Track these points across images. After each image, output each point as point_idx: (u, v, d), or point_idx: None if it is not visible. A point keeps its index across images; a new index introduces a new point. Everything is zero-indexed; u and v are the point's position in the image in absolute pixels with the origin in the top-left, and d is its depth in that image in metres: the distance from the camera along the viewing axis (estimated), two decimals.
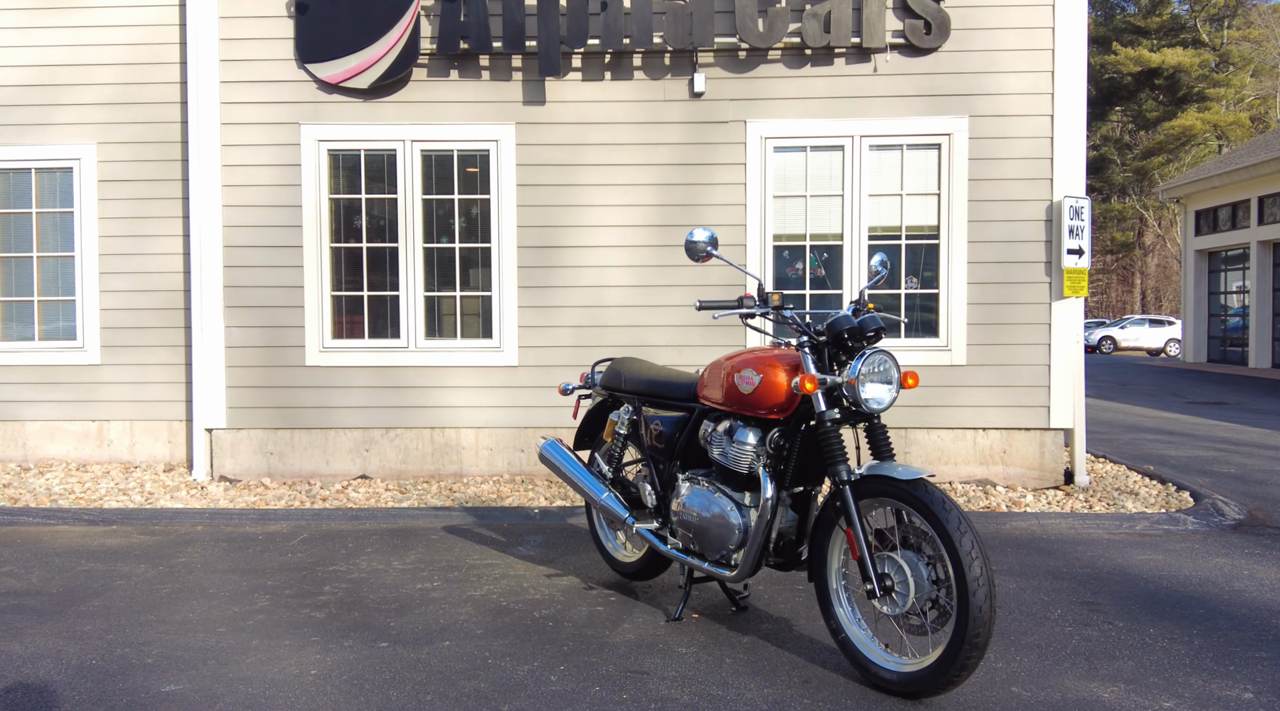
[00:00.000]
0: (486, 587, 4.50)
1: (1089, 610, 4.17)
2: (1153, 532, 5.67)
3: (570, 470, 4.42)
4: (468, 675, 3.41)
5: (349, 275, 7.24)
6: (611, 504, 4.22)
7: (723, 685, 3.31)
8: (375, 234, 7.21)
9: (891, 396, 3.37)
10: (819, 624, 3.92)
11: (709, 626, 3.93)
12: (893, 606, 3.20)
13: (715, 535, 3.69)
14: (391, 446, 7.19)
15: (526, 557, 5.05)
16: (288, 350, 7.20)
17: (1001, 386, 6.94)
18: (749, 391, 3.58)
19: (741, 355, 3.71)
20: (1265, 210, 21.95)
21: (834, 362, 3.46)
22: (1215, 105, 44.90)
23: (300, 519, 6.01)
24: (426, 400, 7.15)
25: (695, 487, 3.85)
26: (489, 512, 6.09)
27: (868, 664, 3.29)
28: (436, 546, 5.30)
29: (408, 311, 7.14)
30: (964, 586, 2.98)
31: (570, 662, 3.52)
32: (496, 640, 3.77)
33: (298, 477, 7.23)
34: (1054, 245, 6.89)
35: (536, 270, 7.10)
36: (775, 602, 4.25)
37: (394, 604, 4.26)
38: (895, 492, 3.19)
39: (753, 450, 3.61)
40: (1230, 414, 11.91)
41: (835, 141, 6.96)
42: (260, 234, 7.20)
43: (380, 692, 3.26)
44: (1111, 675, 3.41)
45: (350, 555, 5.14)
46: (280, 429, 7.25)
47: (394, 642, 3.75)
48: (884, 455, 3.40)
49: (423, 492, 6.72)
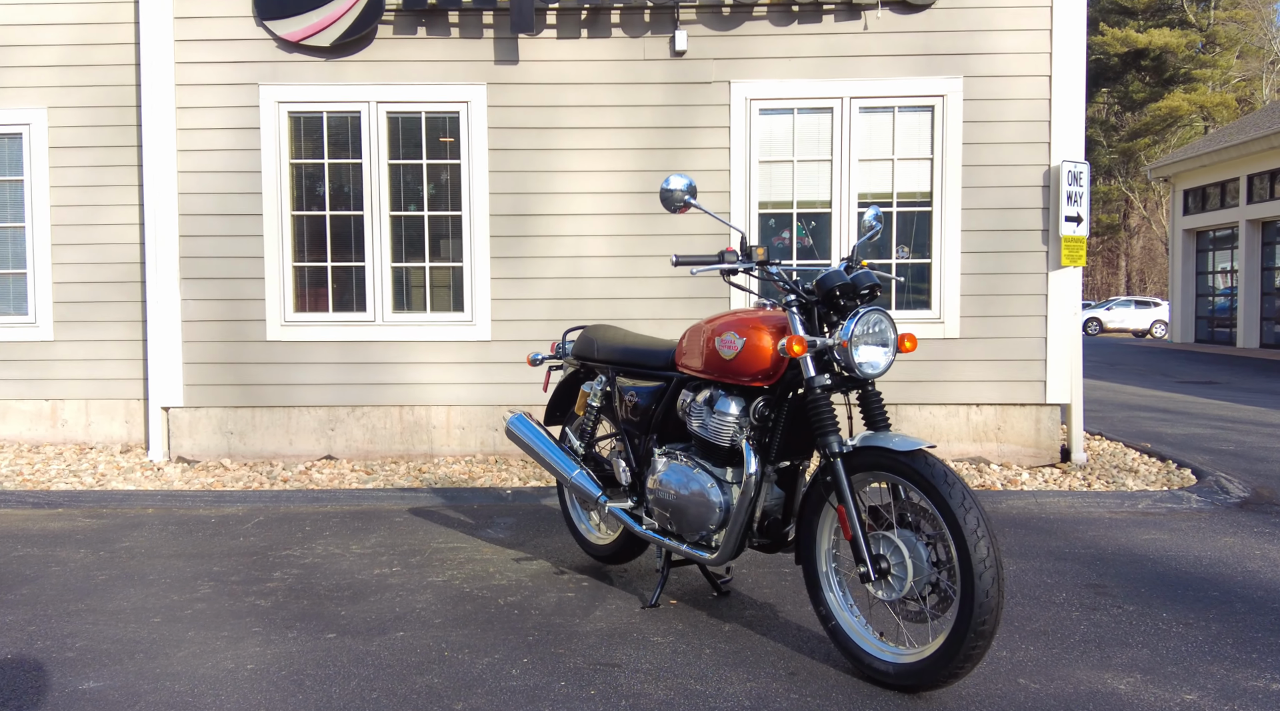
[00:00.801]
0: (449, 573, 4.18)
1: (1096, 593, 3.88)
2: (1156, 511, 5.40)
3: (539, 446, 4.09)
4: (421, 669, 3.09)
5: (312, 245, 6.87)
6: (583, 482, 3.90)
7: (701, 678, 3.00)
8: (339, 201, 6.84)
9: (888, 360, 3.05)
10: (807, 610, 3.62)
11: (688, 613, 3.62)
12: (889, 591, 2.90)
13: (694, 514, 3.38)
14: (358, 425, 6.85)
15: (495, 541, 4.73)
16: (248, 324, 6.84)
17: (996, 360, 6.65)
18: (731, 357, 3.26)
19: (723, 317, 3.39)
20: (1255, 188, 21.74)
21: (824, 324, 3.14)
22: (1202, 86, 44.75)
23: (258, 501, 5.67)
24: (395, 376, 6.80)
25: (673, 463, 3.53)
26: (459, 494, 5.76)
27: (861, 654, 2.99)
28: (399, 529, 4.98)
29: (374, 283, 6.78)
30: (968, 568, 2.67)
31: (535, 654, 3.21)
32: (456, 630, 3.45)
33: (259, 458, 6.88)
34: (1051, 212, 6.58)
35: (510, 239, 6.75)
36: (760, 587, 3.95)
37: (347, 591, 3.93)
38: (891, 465, 2.88)
39: (735, 421, 3.30)
40: (1222, 392, 11.69)
41: (823, 103, 6.62)
42: (218, 201, 6.82)
43: (320, 690, 2.94)
44: (1126, 664, 3.12)
45: (306, 539, 4.81)
46: (241, 407, 6.89)
47: (342, 633, 3.43)
48: (879, 425, 3.09)
49: (390, 473, 6.38)
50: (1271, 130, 20.19)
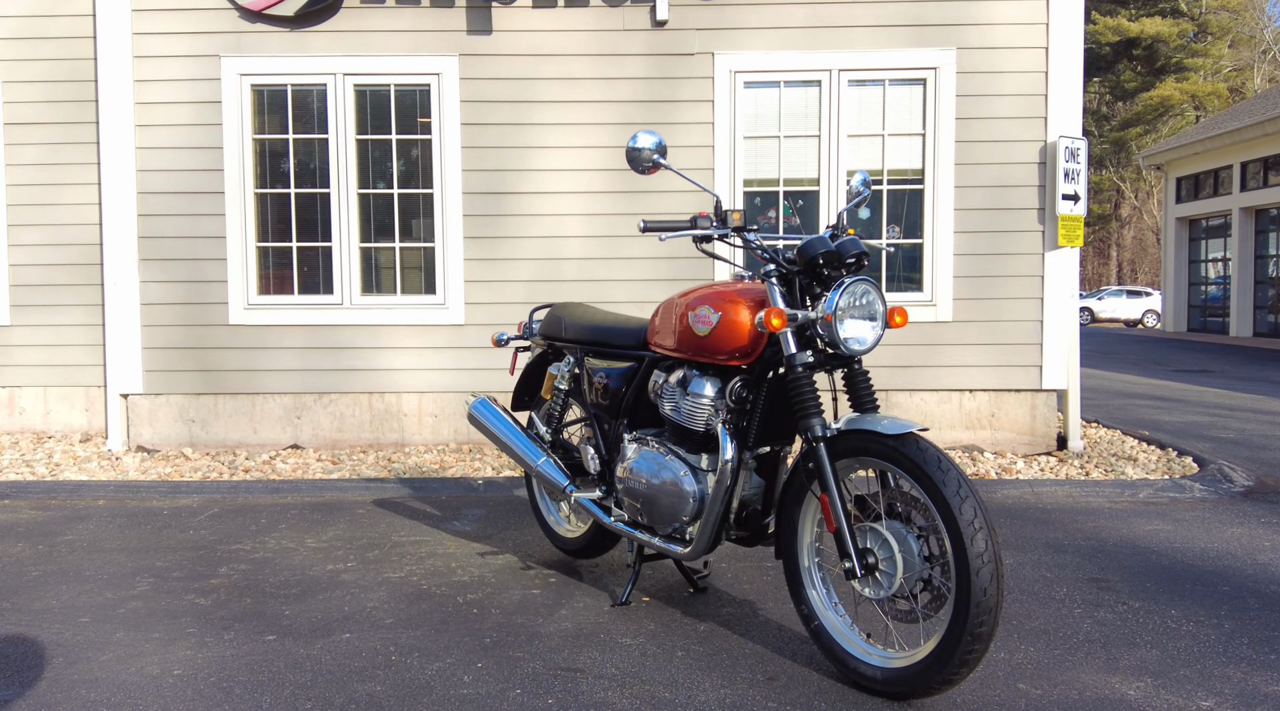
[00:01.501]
0: (408, 568, 3.90)
1: (1099, 588, 3.63)
2: (1158, 501, 5.15)
3: (503, 432, 3.82)
4: (363, 675, 2.81)
5: (276, 224, 6.56)
6: (549, 470, 3.62)
7: (671, 684, 2.74)
8: (304, 178, 6.53)
9: (876, 335, 2.78)
10: (789, 608, 3.35)
11: (660, 612, 3.36)
12: (876, 588, 2.63)
13: (666, 505, 3.11)
14: (325, 413, 6.56)
15: (460, 533, 4.46)
16: (210, 307, 6.53)
17: (990, 344, 6.39)
18: (705, 333, 2.99)
19: (697, 291, 3.11)
20: (1248, 176, 21.53)
21: (806, 296, 2.86)
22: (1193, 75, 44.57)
23: (215, 492, 5.38)
24: (363, 362, 6.51)
25: (643, 450, 3.26)
26: (427, 484, 5.48)
27: (846, 657, 2.72)
28: (361, 521, 4.70)
29: (341, 264, 6.48)
30: (964, 564, 2.41)
31: (491, 658, 2.94)
32: (407, 631, 3.18)
33: (222, 447, 6.59)
34: (1048, 190, 6.32)
35: (484, 219, 6.46)
36: (739, 583, 3.68)
37: (295, 588, 3.65)
38: (879, 450, 2.61)
39: (710, 404, 3.02)
40: (1217, 381, 11.47)
41: (811, 76, 6.34)
42: (178, 179, 6.50)
43: (249, 699, 2.66)
44: (1135, 667, 2.87)
45: (260, 532, 4.52)
46: (203, 394, 6.59)
47: (284, 635, 3.15)
48: (866, 406, 2.82)
49: (357, 463, 6.10)
50: (1266, 117, 19.97)
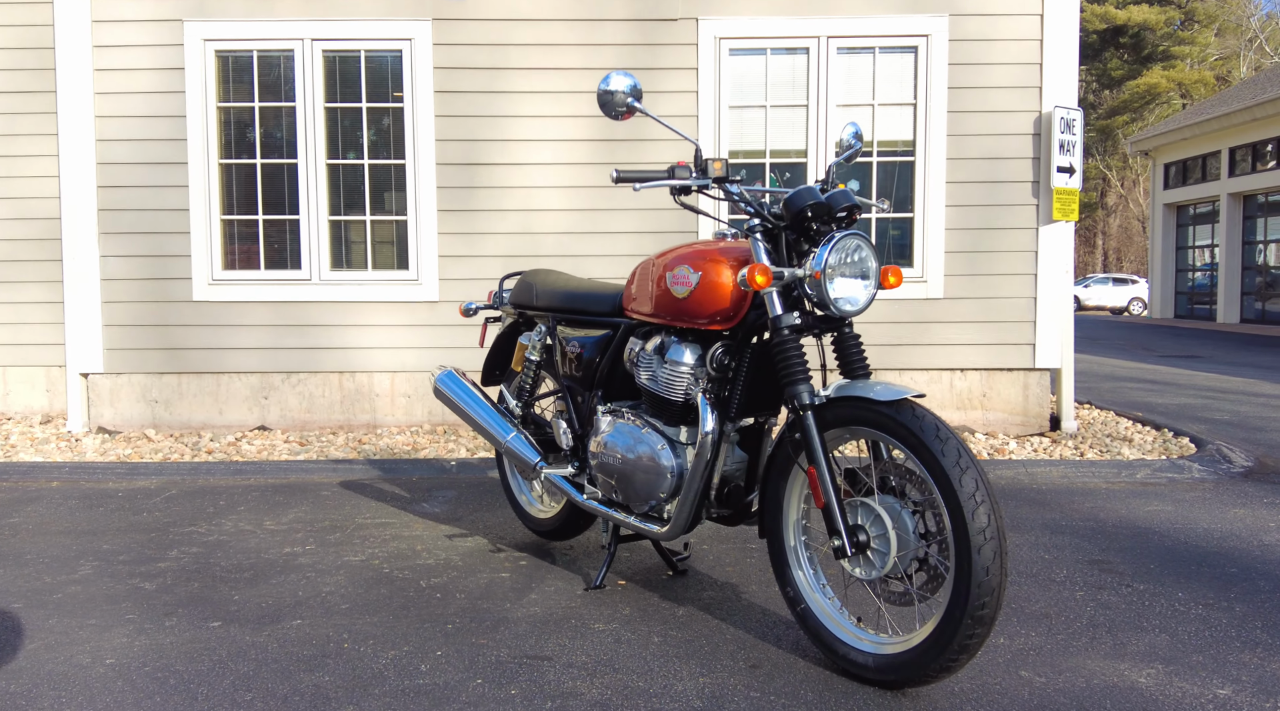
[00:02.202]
0: (370, 551, 3.67)
1: (1100, 570, 3.44)
2: (1156, 481, 4.97)
3: (470, 406, 3.59)
4: (311, 664, 2.59)
5: (242, 196, 6.30)
6: (518, 446, 3.40)
7: (645, 673, 2.52)
8: (271, 148, 6.27)
9: (868, 295, 2.56)
10: (774, 591, 3.15)
11: (637, 595, 3.14)
12: (868, 568, 2.43)
13: (642, 481, 2.89)
14: (294, 393, 6.31)
15: (429, 516, 4.23)
16: (173, 283, 6.27)
17: (982, 322, 6.19)
18: (684, 295, 2.76)
19: (676, 250, 2.89)
20: (1236, 161, 21.43)
21: (793, 253, 2.64)
22: (1180, 64, 44.54)
23: (175, 473, 5.14)
24: (333, 340, 6.26)
25: (618, 423, 3.04)
26: (398, 465, 5.25)
27: (835, 643, 2.51)
28: (325, 503, 4.46)
29: (309, 238, 6.23)
30: (965, 541, 2.20)
31: (452, 646, 2.72)
32: (363, 617, 2.95)
33: (186, 429, 6.33)
34: (1042, 162, 6.11)
35: (459, 191, 6.21)
36: (721, 565, 3.47)
37: (247, 572, 3.42)
38: (872, 419, 2.39)
39: (689, 372, 2.81)
40: (1206, 366, 11.33)
41: (799, 43, 6.11)
42: (140, 148, 6.22)
43: (184, 690, 2.43)
44: (1144, 652, 2.67)
45: (217, 514, 4.29)
46: (166, 373, 6.33)
47: (230, 622, 2.92)
48: (858, 372, 2.61)
49: (326, 445, 5.86)
50: (1255, 101, 19.85)
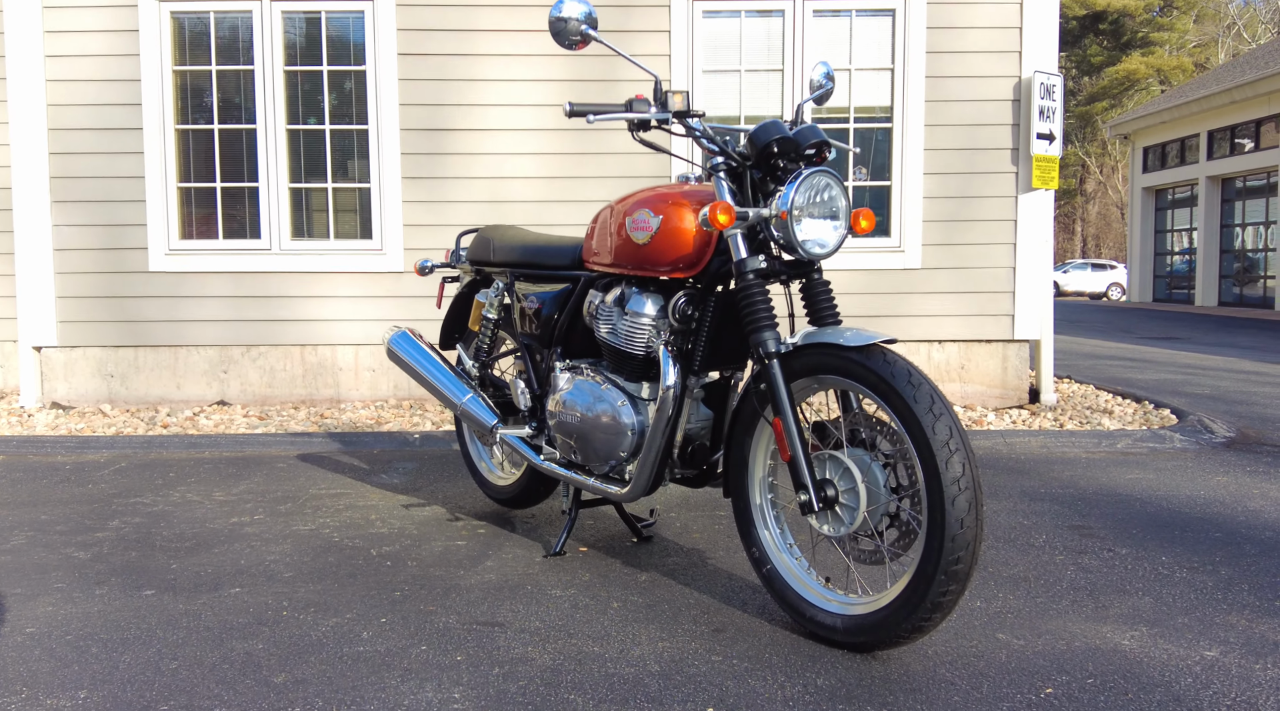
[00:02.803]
0: (321, 521, 3.51)
1: (1080, 535, 3.32)
2: (1137, 451, 4.87)
3: (425, 367, 3.42)
4: (246, 633, 2.43)
5: (199, 163, 6.08)
6: (475, 408, 3.24)
7: (602, 638, 2.38)
8: (229, 113, 6.05)
9: (839, 236, 2.42)
10: (742, 557, 3.01)
11: (598, 562, 2.99)
12: (836, 524, 2.29)
13: (601, 440, 2.74)
14: (254, 367, 6.11)
15: (386, 486, 4.07)
16: (128, 253, 6.05)
17: (961, 292, 6.07)
18: (645, 241, 2.61)
19: (636, 194, 2.73)
20: (1215, 144, 21.44)
21: (759, 194, 2.49)
22: (1159, 50, 44.67)
23: (127, 447, 4.95)
24: (295, 312, 6.06)
25: (577, 379, 2.88)
26: (359, 439, 5.08)
27: (801, 604, 2.37)
28: (279, 475, 4.29)
29: (269, 206, 6.02)
30: (938, 492, 2.06)
31: (398, 613, 2.56)
32: (306, 585, 2.79)
33: (143, 404, 6.13)
34: (1022, 129, 5.99)
35: (424, 158, 6.02)
36: (688, 531, 3.33)
37: (189, 541, 3.25)
38: (841, 366, 2.25)
39: (651, 324, 2.65)
40: (1185, 346, 11.28)
41: (774, 5, 5.94)
42: (93, 114, 5.99)
43: (107, 659, 2.27)
44: (1127, 615, 2.55)
45: (166, 485, 4.10)
46: (123, 346, 6.12)
47: (164, 590, 2.75)
48: (826, 320, 2.46)
49: (286, 419, 5.67)
50: (1234, 83, 19.85)
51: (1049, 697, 2.06)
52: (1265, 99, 19.04)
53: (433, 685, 2.12)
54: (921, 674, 2.16)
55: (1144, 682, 2.13)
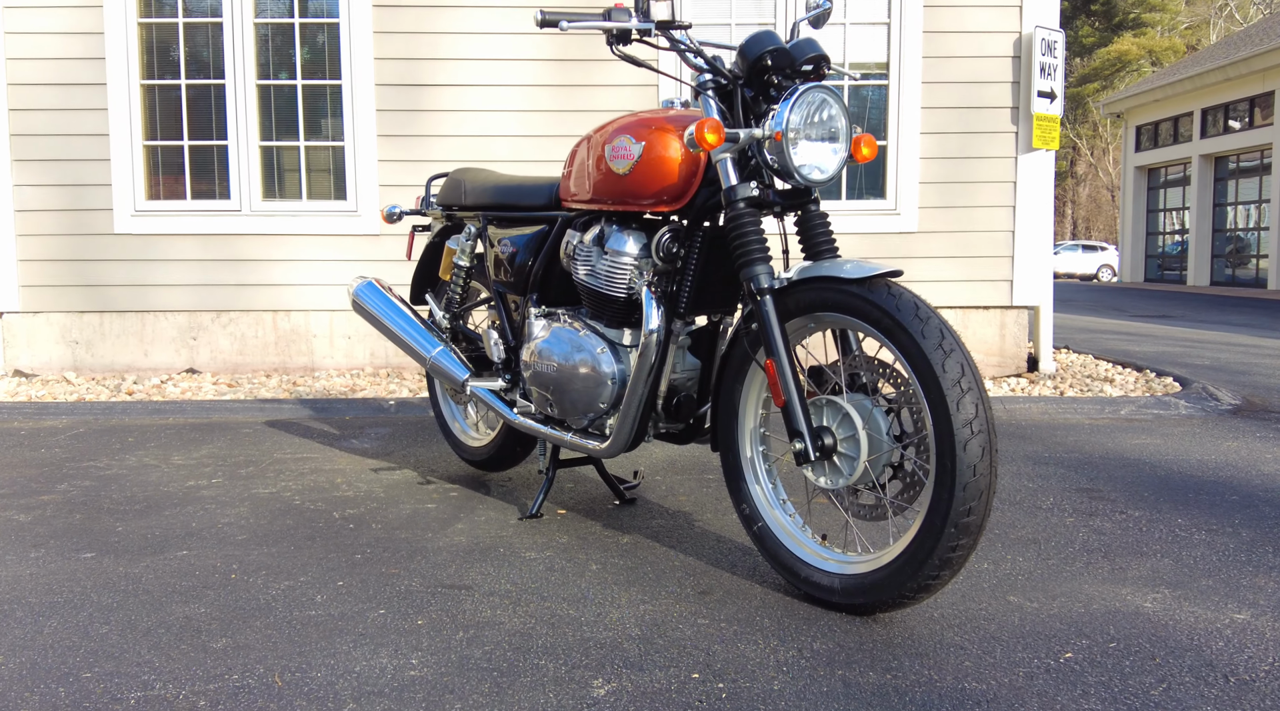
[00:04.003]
0: (283, 484, 3.29)
1: (1090, 498, 3.13)
2: (1141, 417, 4.69)
3: (392, 319, 3.20)
4: (188, 596, 2.22)
5: (166, 120, 5.82)
6: (445, 361, 3.02)
7: (578, 600, 2.17)
8: (197, 68, 5.79)
9: (839, 160, 2.20)
10: (732, 519, 2.81)
11: (577, 524, 2.79)
12: (834, 476, 2.08)
13: (579, 390, 2.53)
14: (225, 333, 5.88)
15: (356, 451, 3.85)
16: (93, 214, 5.79)
17: (958, 257, 5.87)
18: (626, 170, 2.39)
19: (616, 121, 2.51)
20: (1208, 123, 21.27)
21: (750, 114, 2.27)
22: (1150, 31, 44.48)
23: (87, 413, 4.71)
24: (266, 276, 5.82)
25: (554, 326, 2.67)
26: (331, 405, 4.86)
27: (796, 564, 2.17)
28: (243, 440, 4.07)
29: (239, 165, 5.77)
30: (949, 435, 1.86)
31: (356, 576, 2.35)
32: (260, 548, 2.58)
33: (110, 371, 5.89)
34: (1022, 87, 5.77)
35: (401, 114, 5.77)
36: (674, 494, 3.13)
37: (139, 504, 3.03)
38: (840, 301, 2.04)
39: (633, 263, 2.44)
40: (1179, 323, 11.12)
41: None
42: (54, 68, 5.72)
43: (32, 623, 2.05)
44: (1146, 577, 2.36)
45: (123, 450, 3.88)
46: (88, 312, 5.87)
47: (105, 553, 2.54)
48: (823, 254, 2.25)
49: (257, 387, 5.44)
50: (1228, 60, 19.65)
51: (1069, 662, 1.86)
52: (1260, 76, 18.85)
53: (388, 650, 1.91)
54: (927, 637, 1.97)
55: (1171, 646, 1.94)
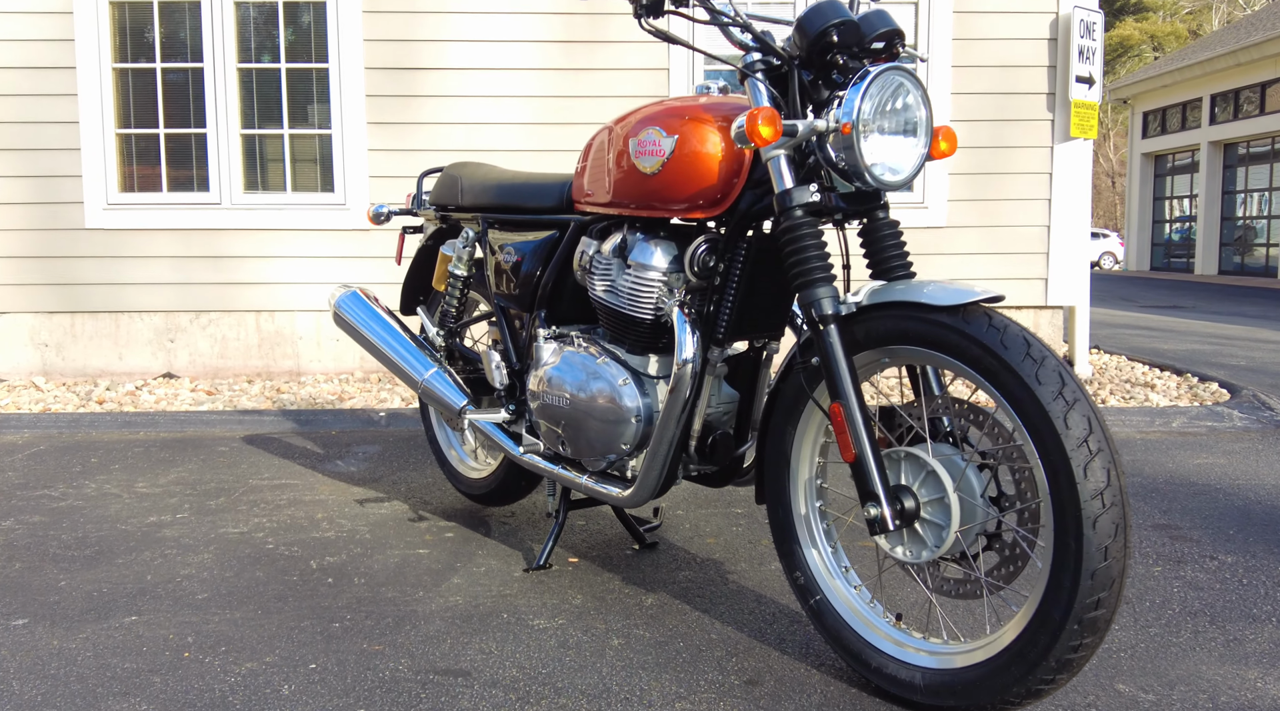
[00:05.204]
0: (256, 521, 2.91)
1: (1170, 537, 2.76)
2: (1195, 430, 4.32)
3: (379, 335, 2.81)
4: (129, 684, 1.84)
5: (140, 107, 5.41)
6: (440, 385, 2.64)
7: (599, 694, 1.80)
8: (173, 50, 5.38)
9: (917, 158, 1.82)
10: (770, 569, 2.44)
11: (592, 578, 2.41)
12: (916, 547, 1.71)
13: (597, 429, 2.15)
14: (204, 335, 5.48)
15: (341, 475, 3.48)
16: (62, 208, 5.39)
17: (990, 253, 5.49)
18: (654, 169, 2.01)
19: (641, 110, 2.12)
20: (1218, 109, 20.86)
21: (806, 102, 1.88)
22: (1152, 15, 44.05)
23: (52, 426, 4.33)
24: (249, 274, 5.43)
25: (567, 351, 2.29)
26: (316, 417, 4.47)
27: (865, 650, 1.80)
28: (217, 461, 3.69)
29: (219, 155, 5.37)
30: (1072, 508, 1.48)
31: (334, 654, 1.98)
32: (223, 612, 2.20)
33: (82, 376, 5.50)
34: (1059, 71, 5.38)
35: (393, 100, 5.37)
36: (700, 534, 2.75)
37: (91, 548, 2.65)
38: (926, 333, 1.66)
39: (661, 279, 2.06)
40: (1193, 315, 10.76)
41: None
42: (19, 51, 5.31)
43: None
44: (1269, 651, 1.99)
45: (84, 473, 3.50)
46: (58, 313, 5.48)
47: (41, 618, 2.16)
48: (896, 271, 1.87)
49: (238, 394, 5.06)
50: (1239, 45, 19.22)
51: None
52: (1272, 61, 18.43)
53: None
54: None
55: None
